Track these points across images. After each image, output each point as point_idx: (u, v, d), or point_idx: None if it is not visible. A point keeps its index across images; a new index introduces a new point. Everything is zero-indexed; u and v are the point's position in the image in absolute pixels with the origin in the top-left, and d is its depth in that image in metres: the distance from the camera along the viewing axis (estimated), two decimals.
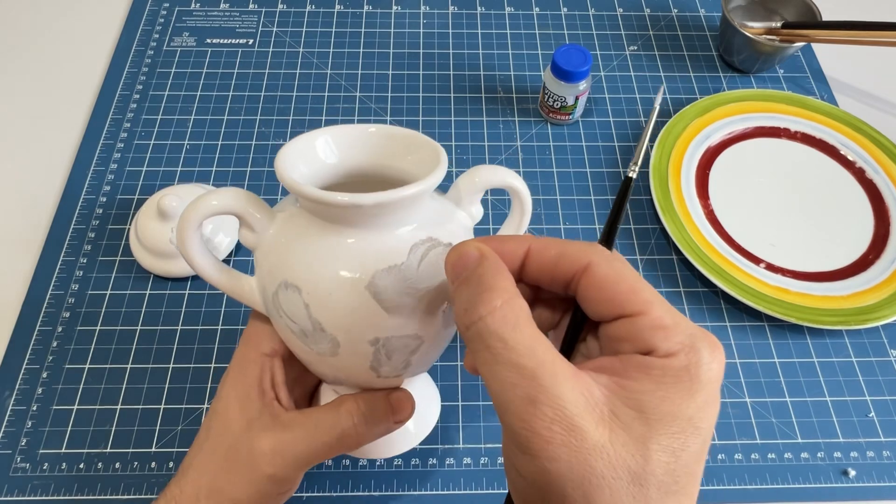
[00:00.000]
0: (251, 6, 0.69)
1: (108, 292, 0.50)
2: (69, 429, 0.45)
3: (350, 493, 0.43)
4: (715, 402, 0.22)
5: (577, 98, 0.57)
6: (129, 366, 0.47)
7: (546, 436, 0.21)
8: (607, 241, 0.27)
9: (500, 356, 0.22)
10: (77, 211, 0.54)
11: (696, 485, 0.22)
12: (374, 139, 0.33)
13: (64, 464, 0.43)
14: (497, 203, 0.56)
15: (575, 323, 0.26)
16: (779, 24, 0.64)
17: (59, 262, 0.51)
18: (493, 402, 0.22)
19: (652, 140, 0.60)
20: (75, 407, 0.45)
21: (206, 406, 0.46)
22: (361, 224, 0.29)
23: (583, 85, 0.57)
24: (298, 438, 0.31)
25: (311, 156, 0.32)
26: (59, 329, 0.48)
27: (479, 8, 0.70)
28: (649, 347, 0.22)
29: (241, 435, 0.31)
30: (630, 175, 0.28)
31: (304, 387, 0.38)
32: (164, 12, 0.68)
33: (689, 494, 0.22)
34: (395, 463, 0.44)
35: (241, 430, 0.31)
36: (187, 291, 0.51)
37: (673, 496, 0.21)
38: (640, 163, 0.29)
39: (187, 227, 0.30)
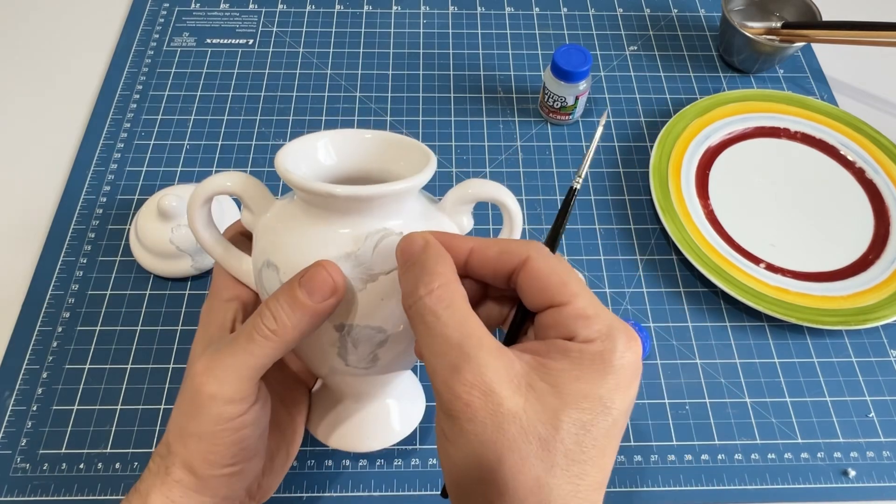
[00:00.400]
0: (251, 6, 0.69)
1: (108, 292, 0.50)
2: (69, 429, 0.45)
3: (350, 494, 0.43)
4: (627, 388, 0.24)
5: (577, 98, 0.57)
6: (129, 366, 0.47)
7: (466, 399, 0.23)
8: (552, 243, 0.30)
9: (433, 329, 0.24)
10: (77, 211, 0.54)
11: (606, 458, 0.24)
12: (368, 144, 0.34)
13: (64, 464, 0.43)
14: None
15: (518, 317, 0.28)
16: (779, 25, 0.64)
17: (59, 262, 0.51)
18: (427, 371, 0.25)
19: (652, 141, 0.60)
20: (75, 407, 0.45)
21: None
22: (345, 215, 0.30)
23: (583, 85, 0.57)
24: (224, 350, 0.30)
25: (310, 157, 0.33)
26: (59, 329, 0.48)
27: (479, 8, 0.70)
28: (571, 334, 0.25)
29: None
30: (574, 186, 0.31)
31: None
32: (164, 12, 0.68)
33: (598, 466, 0.24)
34: (396, 463, 0.44)
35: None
36: (187, 291, 0.51)
37: (580, 464, 0.23)
38: (583, 175, 0.32)
39: (196, 203, 0.32)
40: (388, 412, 0.40)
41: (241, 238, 0.36)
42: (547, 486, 0.22)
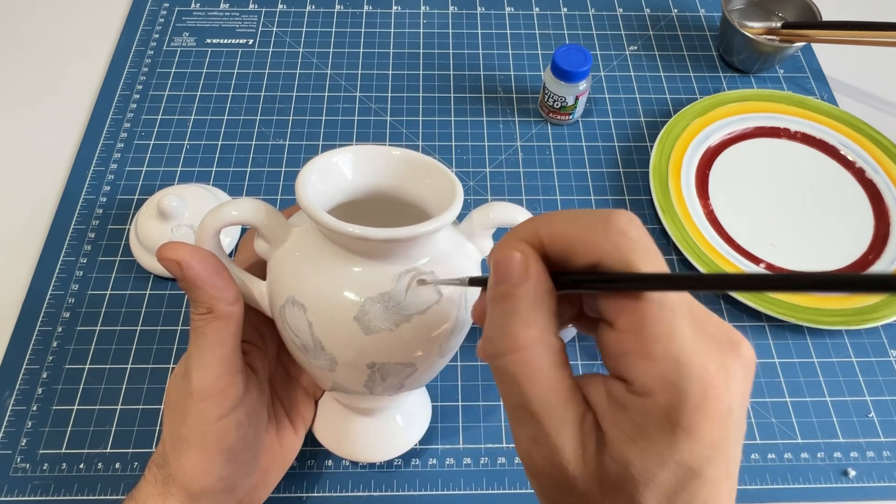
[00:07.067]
0: (251, 6, 0.69)
1: (108, 292, 0.50)
2: (69, 429, 0.45)
3: (350, 494, 0.43)
4: (717, 443, 0.20)
5: (577, 98, 0.57)
6: (129, 366, 0.47)
7: (542, 471, 0.22)
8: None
9: (511, 397, 0.22)
10: (77, 211, 0.54)
11: None
12: (395, 161, 0.33)
13: (64, 464, 0.43)
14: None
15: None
16: (779, 25, 0.64)
17: (59, 262, 0.51)
18: (510, 423, 0.23)
19: (652, 141, 0.60)
20: (75, 407, 0.45)
21: None
22: (372, 254, 0.30)
23: (583, 85, 0.57)
24: (190, 354, 0.31)
25: (332, 173, 0.32)
26: (59, 329, 0.48)
27: (479, 8, 0.70)
28: (626, 376, 0.21)
29: None
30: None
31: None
32: (164, 12, 0.68)
33: None
34: (395, 463, 0.44)
35: None
36: None
37: None
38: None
39: (206, 233, 0.31)
40: (397, 425, 0.41)
41: (254, 263, 0.35)
42: None
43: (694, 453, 0.20)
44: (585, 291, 0.22)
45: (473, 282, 0.27)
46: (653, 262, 0.21)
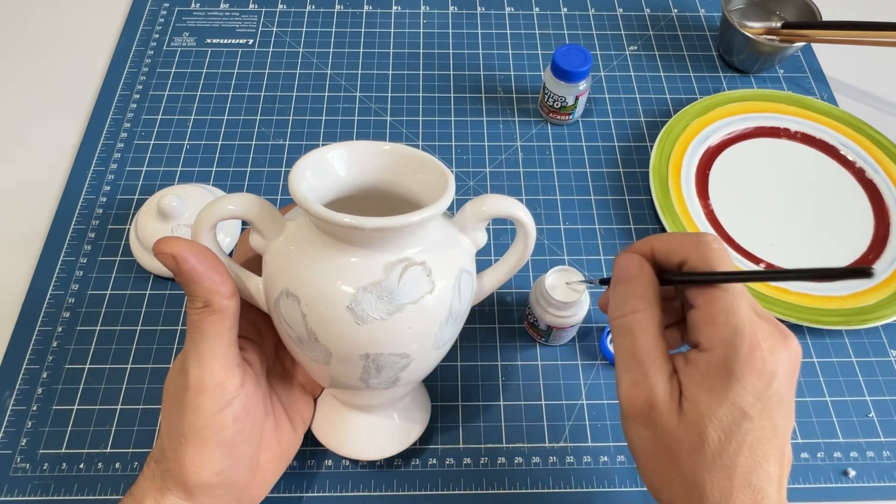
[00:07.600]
0: (251, 6, 0.69)
1: (108, 292, 0.50)
2: (69, 429, 0.45)
3: (350, 493, 0.43)
4: (763, 390, 0.26)
5: (577, 98, 0.57)
6: (129, 366, 0.47)
7: (638, 410, 0.28)
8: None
9: (625, 346, 0.29)
10: (77, 211, 0.54)
11: (759, 450, 0.27)
12: (387, 156, 0.34)
13: (64, 464, 0.43)
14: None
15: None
16: (779, 25, 0.64)
17: (59, 262, 0.51)
18: (616, 375, 0.30)
19: (652, 141, 0.60)
20: (75, 407, 0.45)
21: None
22: (365, 244, 0.30)
23: (583, 85, 0.57)
24: (188, 349, 0.32)
25: (325, 169, 0.33)
26: (59, 329, 0.48)
27: (479, 8, 0.70)
28: (696, 341, 0.28)
29: None
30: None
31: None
32: (164, 12, 0.68)
33: (750, 458, 0.27)
34: (395, 463, 0.44)
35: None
36: None
37: (728, 462, 0.27)
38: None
39: (202, 228, 0.31)
40: (395, 423, 0.41)
41: (250, 259, 0.35)
42: (700, 477, 0.27)
43: (743, 396, 0.26)
44: (677, 282, 0.30)
45: (603, 281, 0.34)
46: (724, 265, 0.29)
